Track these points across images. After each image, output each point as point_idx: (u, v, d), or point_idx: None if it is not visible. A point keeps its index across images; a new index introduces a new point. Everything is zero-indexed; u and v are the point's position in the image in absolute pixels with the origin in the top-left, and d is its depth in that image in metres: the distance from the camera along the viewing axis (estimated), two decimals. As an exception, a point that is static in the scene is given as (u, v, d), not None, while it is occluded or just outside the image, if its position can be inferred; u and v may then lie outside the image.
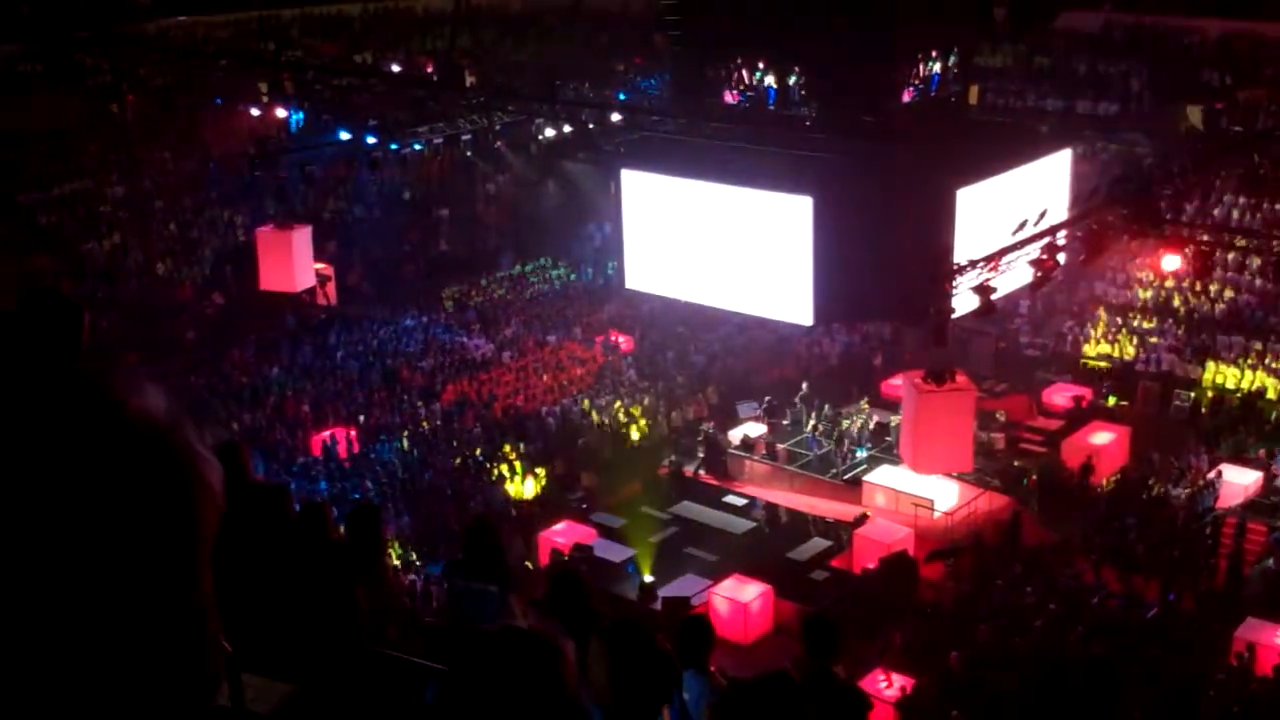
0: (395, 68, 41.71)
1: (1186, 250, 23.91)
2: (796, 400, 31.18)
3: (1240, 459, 28.45)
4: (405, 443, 30.37)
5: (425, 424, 31.24)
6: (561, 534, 26.49)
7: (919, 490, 27.36)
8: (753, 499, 28.83)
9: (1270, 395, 31.07)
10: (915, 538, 26.45)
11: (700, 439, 30.65)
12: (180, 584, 1.39)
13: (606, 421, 31.53)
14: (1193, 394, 31.78)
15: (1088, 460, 28.34)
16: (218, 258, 37.57)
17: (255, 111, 36.33)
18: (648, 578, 25.27)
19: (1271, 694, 20.44)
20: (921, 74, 25.75)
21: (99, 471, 1.32)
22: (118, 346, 33.07)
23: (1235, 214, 34.04)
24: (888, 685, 20.40)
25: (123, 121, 39.27)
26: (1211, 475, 27.48)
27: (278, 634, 4.89)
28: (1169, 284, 33.94)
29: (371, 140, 31.96)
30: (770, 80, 25.16)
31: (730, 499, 28.97)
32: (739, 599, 24.20)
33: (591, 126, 27.81)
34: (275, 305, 34.44)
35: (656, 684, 4.99)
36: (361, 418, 31.39)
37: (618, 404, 32.23)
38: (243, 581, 3.96)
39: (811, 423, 30.38)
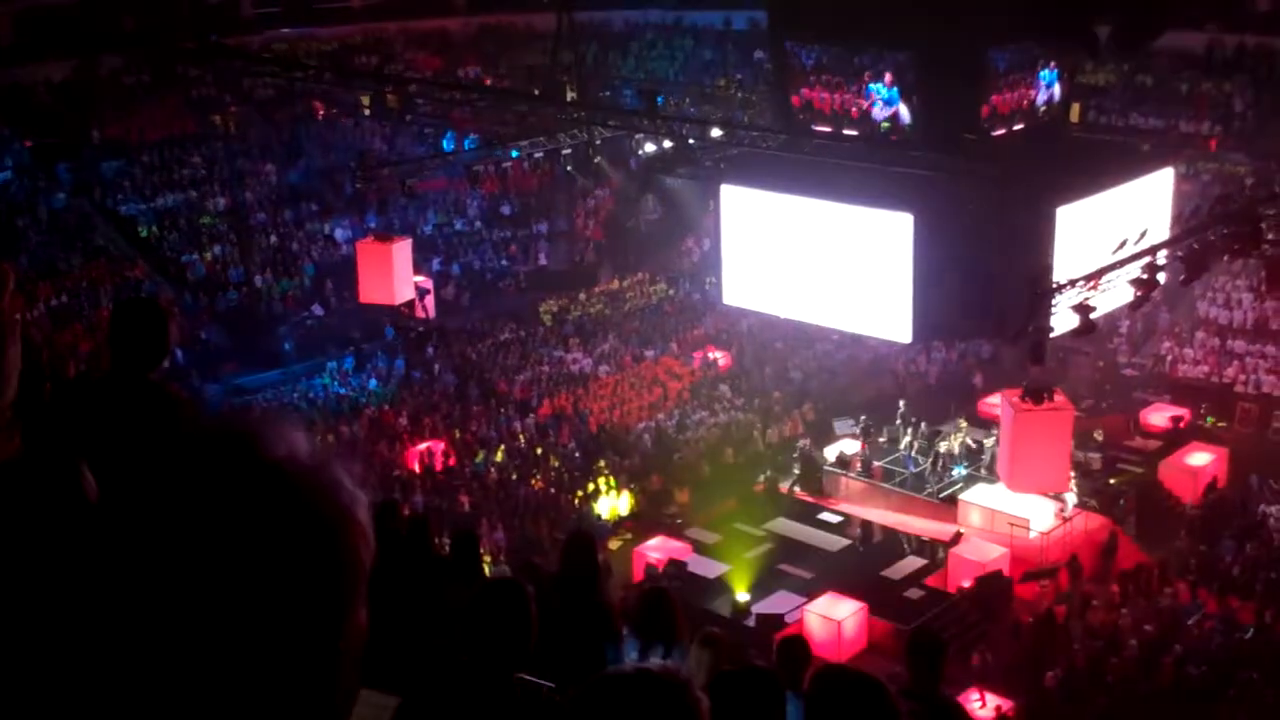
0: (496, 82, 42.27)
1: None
2: (897, 418, 31.09)
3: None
4: (501, 456, 30.70)
5: (521, 438, 31.56)
6: (656, 549, 26.69)
7: (1015, 510, 27.24)
8: (847, 516, 28.85)
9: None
10: (1011, 557, 26.35)
11: (796, 455, 30.71)
12: (336, 630, 1.38)
13: (703, 437, 31.69)
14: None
15: (1213, 482, 28.17)
16: (318, 270, 38.22)
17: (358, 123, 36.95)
18: (741, 595, 25.37)
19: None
20: (1026, 94, 25.67)
21: (263, 528, 1.32)
22: (217, 357, 33.89)
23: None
24: (981, 705, 20.39)
25: (226, 133, 40.13)
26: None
27: (384, 645, 5.07)
28: (1269, 305, 33.50)
29: (472, 154, 32.44)
30: (880, 99, 25.18)
31: (825, 516, 29.00)
32: (833, 616, 24.25)
33: (691, 142, 28.01)
34: (374, 317, 34.98)
35: (764, 709, 5.16)
36: (458, 431, 31.79)
37: (713, 420, 32.39)
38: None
39: (908, 440, 30.33)
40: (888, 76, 25.21)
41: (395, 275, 28.70)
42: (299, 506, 1.35)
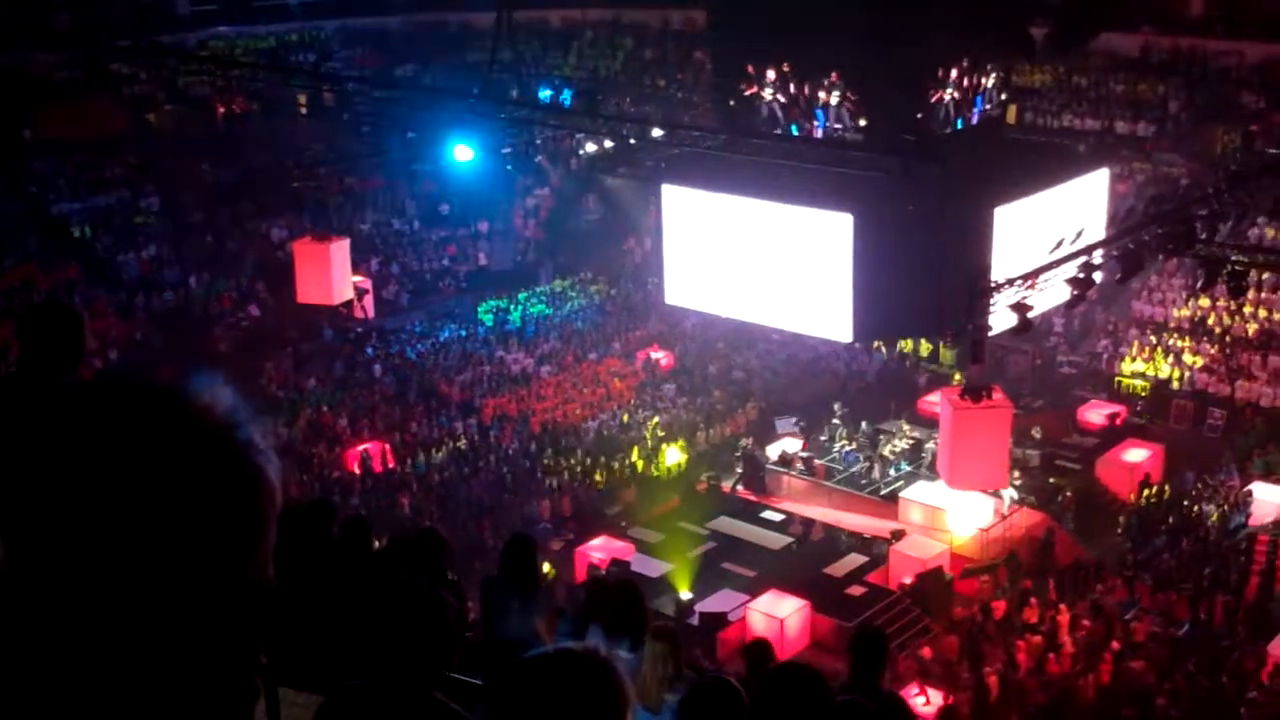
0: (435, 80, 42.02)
1: (1221, 271, 23.99)
2: (834, 417, 31.30)
3: (1272, 477, 28.48)
4: (442, 458, 30.55)
5: (463, 439, 31.43)
6: (599, 549, 26.68)
7: (955, 506, 27.49)
8: (789, 514, 28.99)
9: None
10: (950, 554, 26.58)
11: (738, 454, 30.82)
12: (236, 584, 1.40)
13: (646, 437, 31.71)
14: (1225, 412, 31.86)
15: (1146, 478, 28.54)
16: (254, 270, 37.87)
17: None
18: (684, 594, 25.41)
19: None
20: (962, 94, 25.85)
21: (163, 470, 1.35)
22: (152, 358, 33.45)
23: (1270, 235, 34.07)
24: (925, 702, 20.53)
25: (160, 132, 39.63)
26: (1243, 493, 27.53)
27: (317, 647, 5.02)
28: (1203, 303, 34.00)
29: (409, 151, 32.18)
30: (831, 98, 25.27)
31: (767, 514, 29.12)
32: (775, 614, 24.36)
33: (632, 141, 27.99)
34: (312, 318, 34.72)
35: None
36: (398, 433, 31.61)
37: (655, 420, 32.42)
38: (280, 595, 4.10)
39: (843, 440, 30.53)
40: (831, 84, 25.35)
41: (333, 275, 28.48)
42: (210, 455, 1.38)
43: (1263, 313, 33.68)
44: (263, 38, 44.81)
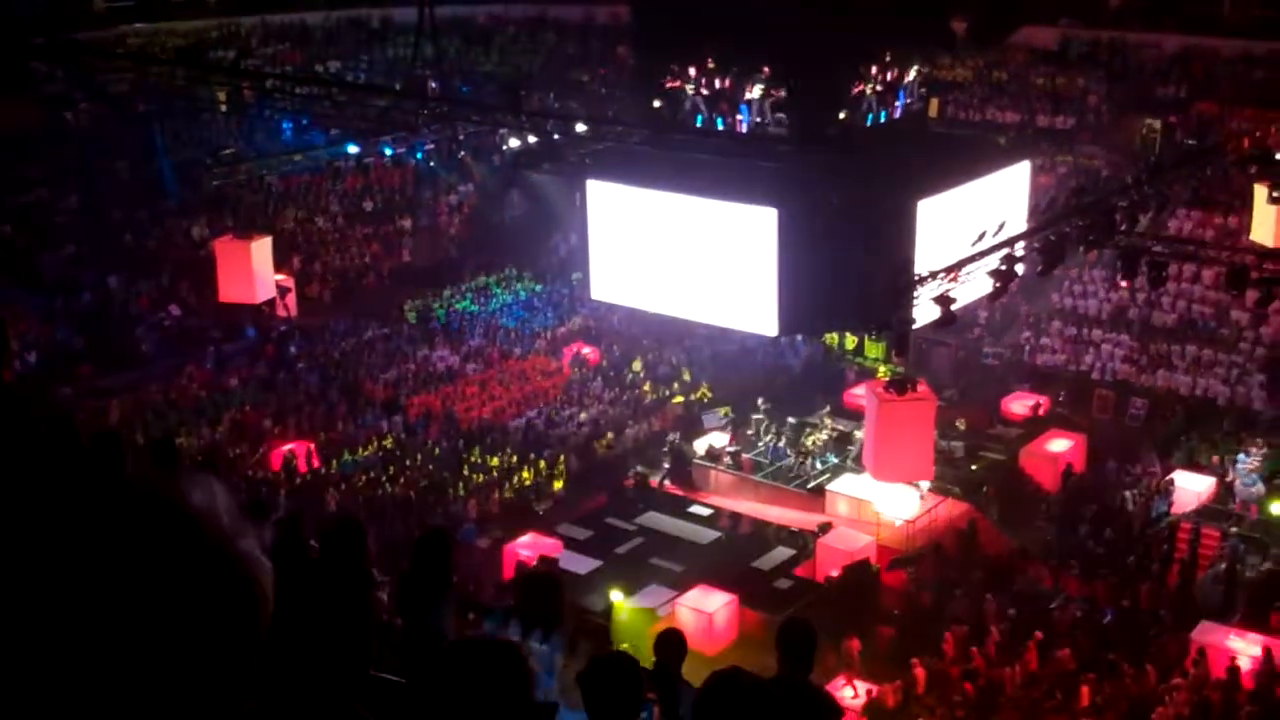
0: (357, 77, 41.68)
1: (1141, 261, 24.28)
2: (759, 411, 31.40)
3: (1193, 466, 28.89)
4: (367, 456, 30.29)
5: (388, 437, 31.17)
6: (527, 546, 26.53)
7: (881, 498, 27.64)
8: (717, 509, 29.02)
9: (1221, 403, 31.58)
10: (877, 546, 26.71)
11: (666, 450, 30.81)
12: (227, 689, 1.41)
13: (572, 433, 31.62)
14: (1147, 402, 32.27)
15: (1069, 467, 28.84)
16: (175, 269, 37.35)
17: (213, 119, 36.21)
18: (614, 593, 25.33)
19: (1225, 696, 20.77)
20: (884, 88, 25.95)
21: (163, 584, 1.35)
22: (71, 359, 32.89)
23: (1188, 226, 34.56)
24: (854, 694, 20.61)
25: (78, 130, 38.98)
26: (1165, 482, 27.89)
27: (295, 653, 4.92)
28: (1123, 294, 34.41)
29: (333, 150, 31.92)
30: (754, 92, 25.26)
31: (695, 509, 29.14)
32: (704, 609, 24.35)
33: (556, 137, 27.87)
34: (235, 317, 34.31)
35: (627, 697, 5.14)
36: (322, 432, 31.29)
37: (583, 415, 32.34)
38: None
39: (771, 433, 30.61)
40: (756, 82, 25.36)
41: (255, 273, 28.18)
42: (210, 570, 1.39)
43: (1182, 303, 34.14)
44: (180, 34, 44.17)
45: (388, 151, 29.93)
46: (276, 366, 34.30)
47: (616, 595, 25.03)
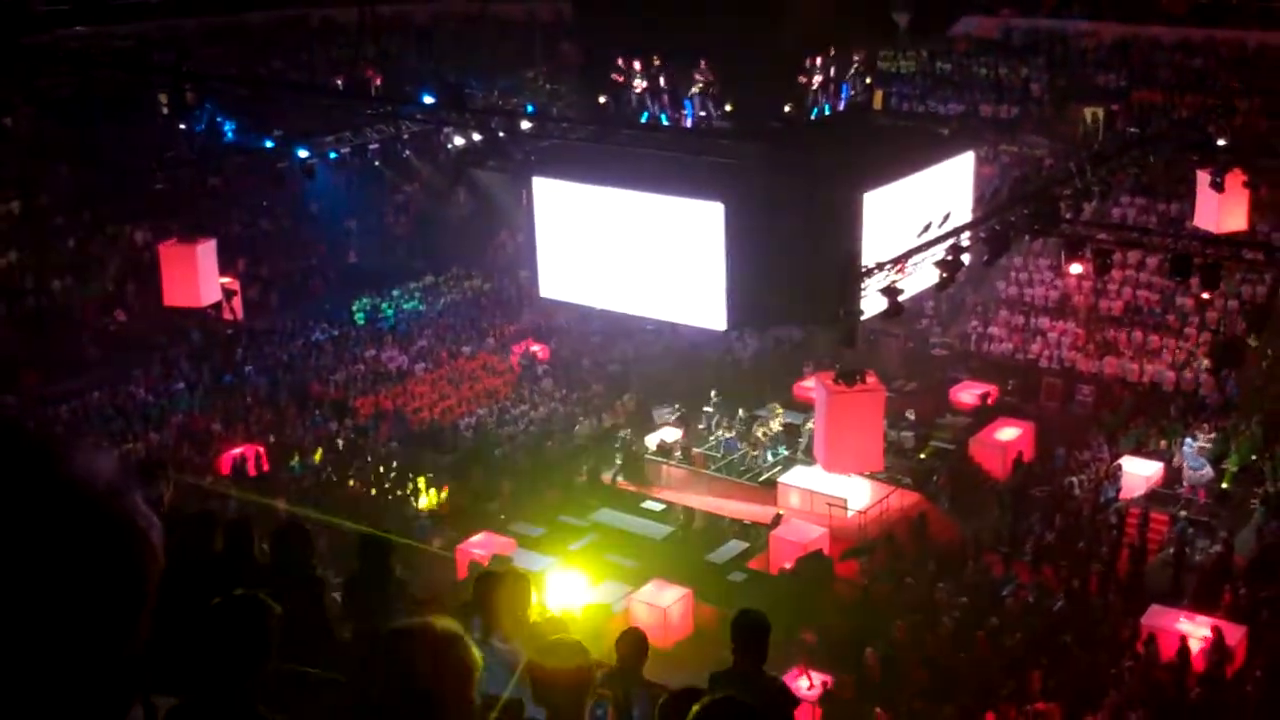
0: (299, 77, 41.34)
1: (1085, 249, 24.47)
2: (711, 404, 31.44)
3: (1141, 451, 29.14)
4: (318, 459, 30.10)
5: (339, 439, 30.99)
6: (479, 545, 26.43)
7: (832, 490, 27.73)
8: (670, 503, 29.03)
9: (1167, 388, 31.90)
10: (830, 537, 26.79)
11: (617, 446, 30.79)
12: (115, 647, 1.41)
13: (523, 430, 31.55)
14: (1094, 389, 32.56)
15: (1019, 455, 29.02)
16: (120, 273, 36.98)
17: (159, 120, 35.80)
18: (569, 590, 25.25)
19: (1175, 678, 20.98)
20: (829, 82, 26.03)
21: (37, 539, 1.34)
22: (16, 365, 32.51)
23: (1132, 213, 34.87)
24: (809, 685, 20.64)
25: (17, 135, 38.53)
26: (1114, 467, 28.12)
27: (192, 654, 4.85)
28: (1069, 282, 34.68)
29: (277, 151, 31.64)
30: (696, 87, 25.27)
31: (648, 504, 29.13)
32: (659, 604, 24.34)
33: (501, 135, 27.78)
34: (180, 321, 34.00)
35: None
36: (271, 435, 31.07)
37: (534, 413, 32.27)
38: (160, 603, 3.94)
39: (723, 427, 30.65)
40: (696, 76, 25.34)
41: (200, 277, 27.90)
42: (92, 527, 1.38)
43: (1127, 290, 34.46)
44: (121, 37, 43.65)
45: (331, 155, 29.70)
46: (223, 370, 34.03)
47: (571, 592, 24.97)
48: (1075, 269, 28.32)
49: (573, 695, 5.00)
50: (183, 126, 36.07)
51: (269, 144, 31.76)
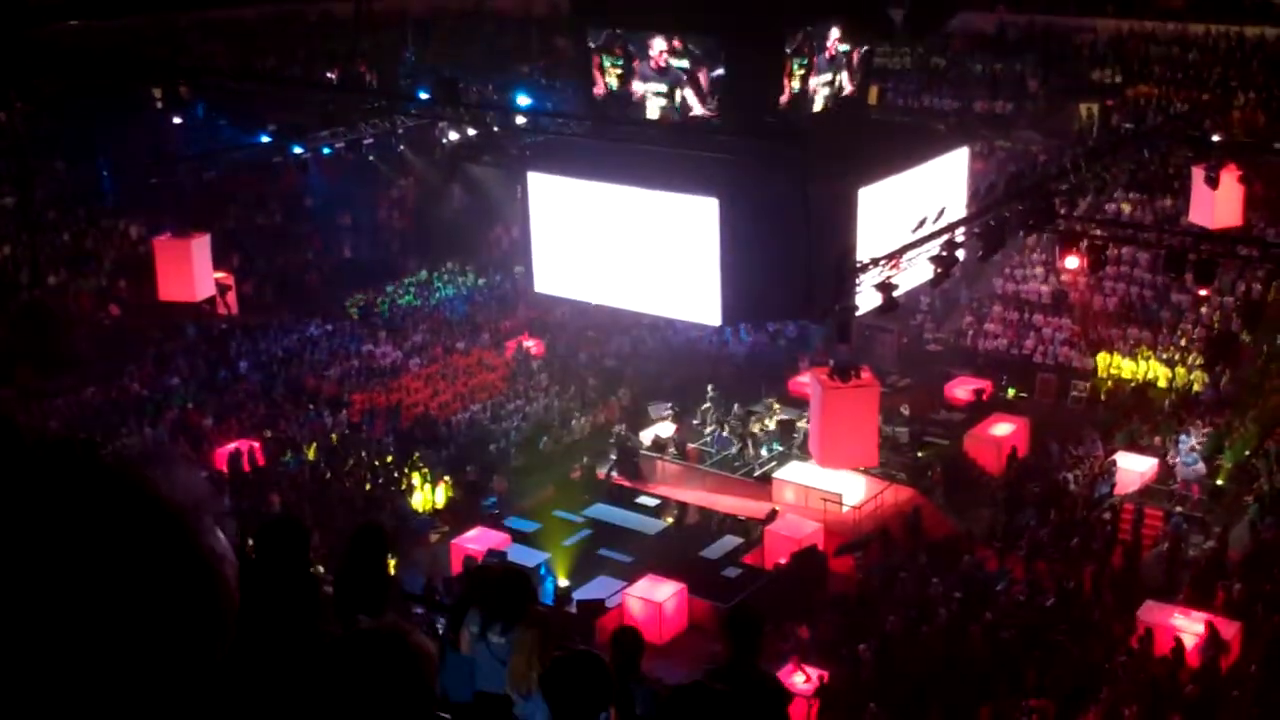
0: (294, 72, 41.29)
1: (1080, 245, 24.48)
2: (707, 399, 31.46)
3: (1135, 447, 29.18)
4: (313, 454, 30.09)
5: (333, 434, 30.98)
6: (474, 540, 26.44)
7: (827, 485, 27.75)
8: (665, 499, 29.05)
9: (1161, 384, 31.94)
10: (824, 532, 26.81)
11: (612, 441, 30.80)
12: (186, 682, 1.38)
13: (518, 425, 31.55)
14: (1089, 384, 32.59)
15: (1014, 451, 29.04)
16: (114, 268, 36.93)
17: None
18: (562, 581, 25.32)
19: (1170, 673, 21.01)
20: (822, 77, 25.99)
21: (122, 569, 1.32)
22: (11, 360, 32.46)
23: (1127, 209, 34.89)
24: (805, 680, 20.68)
25: (12, 130, 38.47)
26: (1108, 463, 28.15)
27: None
28: (1064, 278, 34.71)
29: (271, 146, 31.60)
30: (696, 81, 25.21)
31: (643, 499, 29.15)
32: (653, 599, 24.38)
33: (496, 129, 27.73)
34: (175, 316, 33.94)
35: (597, 696, 5.11)
36: (266, 430, 31.05)
37: (529, 408, 32.27)
38: None
39: (715, 422, 30.66)
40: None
41: (195, 272, 27.84)
42: (177, 560, 1.36)
43: (1121, 286, 34.48)
44: (115, 32, 43.56)
45: (325, 151, 29.64)
46: (217, 365, 34.00)
47: (563, 583, 25.06)
48: (1070, 264, 28.39)
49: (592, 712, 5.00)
50: (177, 121, 36.11)
51: (264, 139, 31.71)
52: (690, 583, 24.97)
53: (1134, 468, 28.11)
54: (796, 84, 25.52)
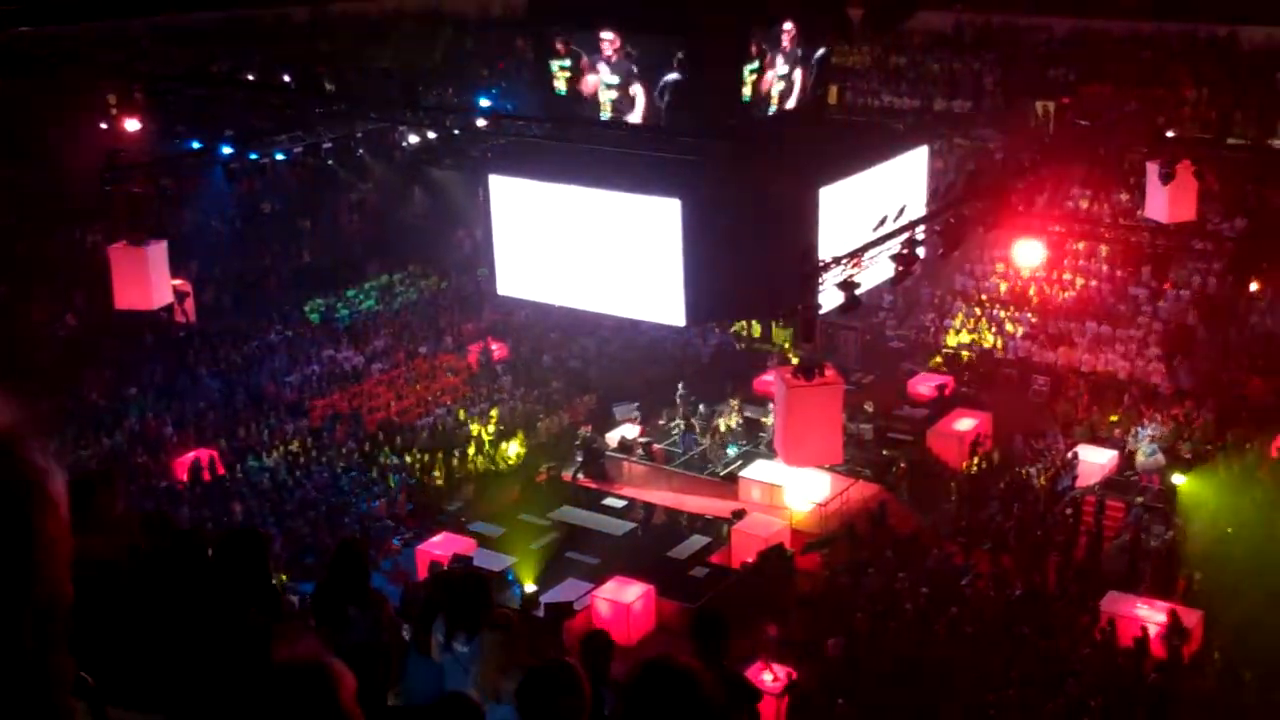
0: (251, 76, 41.04)
1: (1039, 241, 24.65)
2: (676, 399, 31.49)
3: (1096, 439, 29.41)
4: (274, 461, 29.90)
5: (295, 441, 30.80)
6: (439, 545, 26.34)
7: (793, 483, 27.83)
8: (631, 500, 29.04)
9: (1121, 377, 32.22)
10: (791, 530, 26.89)
11: (578, 443, 30.78)
12: (14, 593, 1.39)
13: (483, 429, 31.46)
14: (1049, 379, 32.82)
15: (975, 441, 29.20)
16: (69, 277, 36.59)
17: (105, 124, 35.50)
18: (529, 586, 25.26)
19: (1134, 663, 21.21)
20: (781, 77, 26.05)
21: None
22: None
23: (1084, 205, 35.16)
24: (774, 678, 20.73)
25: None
26: (1069, 456, 28.36)
27: (148, 665, 4.81)
28: (1024, 274, 34.96)
29: (229, 151, 31.39)
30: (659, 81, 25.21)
31: (609, 501, 29.13)
32: (621, 600, 24.37)
33: (456, 132, 27.67)
34: (132, 324, 33.64)
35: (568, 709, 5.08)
36: (225, 438, 30.84)
37: (494, 411, 32.18)
38: (107, 612, 3.87)
39: (685, 421, 30.70)
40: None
41: (151, 279, 27.58)
42: None
43: (1080, 280, 34.75)
44: (69, 37, 43.20)
45: (279, 156, 29.46)
46: (176, 373, 33.72)
47: (531, 587, 25.00)
48: (1028, 260, 28.57)
49: None
50: (132, 127, 35.84)
51: (222, 146, 31.50)
52: (658, 583, 24.98)
53: (1095, 460, 28.34)
54: (756, 84, 25.59)
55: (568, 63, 25.13)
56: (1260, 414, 29.32)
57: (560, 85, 25.15)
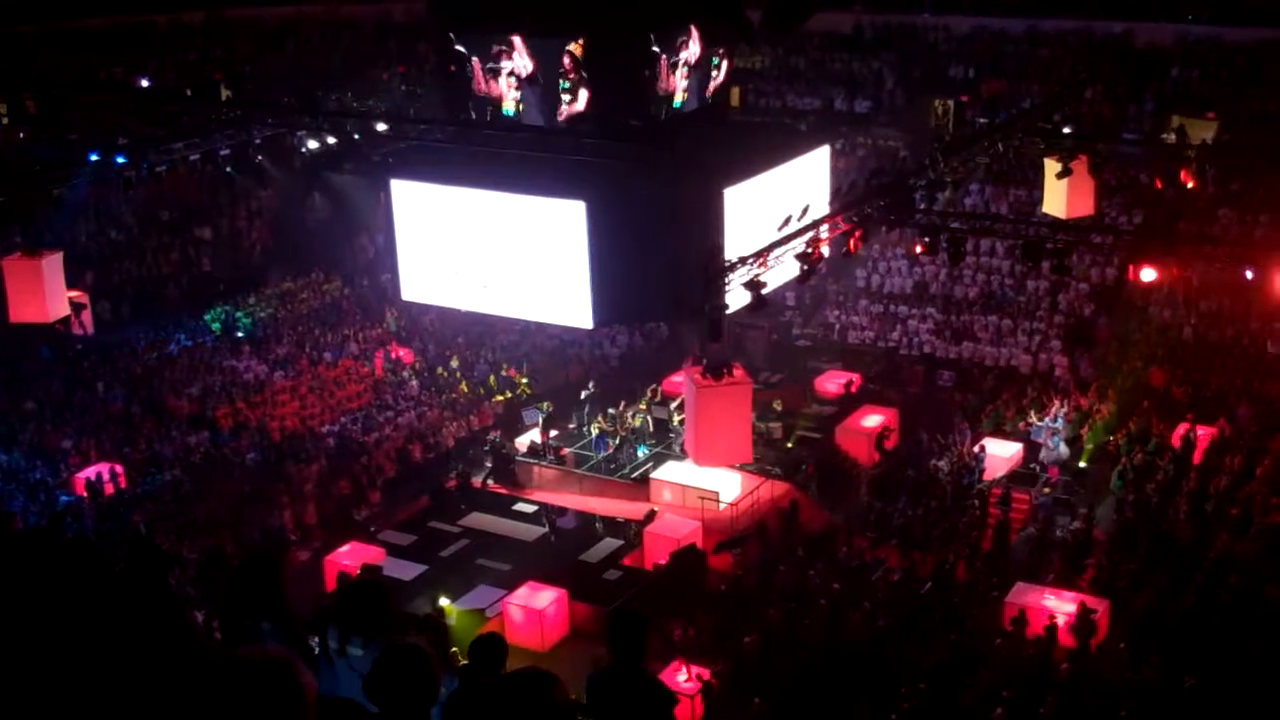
0: (145, 83, 40.30)
1: (940, 237, 24.86)
2: (583, 401, 31.40)
3: (1000, 433, 29.77)
4: (176, 474, 29.33)
5: (197, 452, 30.25)
6: (348, 555, 26.00)
7: (704, 483, 27.86)
8: (542, 505, 28.88)
9: (1024, 370, 32.65)
10: (703, 530, 26.91)
11: (487, 448, 30.58)
12: None
13: (388, 436, 31.15)
14: (954, 373, 33.19)
15: (881, 434, 29.42)
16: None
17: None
18: (442, 600, 25.00)
19: (1044, 653, 21.46)
20: (683, 80, 26.10)
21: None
22: None
23: (983, 202, 35.61)
24: (688, 678, 20.72)
25: None
26: (975, 449, 28.66)
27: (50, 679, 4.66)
28: (926, 270, 35.33)
29: (123, 160, 30.76)
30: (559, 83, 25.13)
31: (520, 506, 28.96)
32: (534, 606, 24.21)
33: (356, 137, 27.37)
34: (27, 337, 32.85)
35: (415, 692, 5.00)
36: (127, 450, 30.22)
37: (400, 419, 31.87)
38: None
39: (598, 424, 30.64)
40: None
41: (46, 291, 27.04)
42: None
43: (982, 276, 35.17)
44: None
45: (163, 168, 28.90)
46: (74, 386, 32.98)
47: (444, 599, 24.73)
48: (930, 257, 28.86)
49: None
50: (23, 135, 34.98)
51: (117, 155, 30.84)
52: (571, 588, 24.87)
53: (1000, 453, 28.68)
54: (659, 87, 25.61)
55: (469, 63, 25.06)
56: (1162, 404, 29.86)
57: (473, 84, 25.09)
